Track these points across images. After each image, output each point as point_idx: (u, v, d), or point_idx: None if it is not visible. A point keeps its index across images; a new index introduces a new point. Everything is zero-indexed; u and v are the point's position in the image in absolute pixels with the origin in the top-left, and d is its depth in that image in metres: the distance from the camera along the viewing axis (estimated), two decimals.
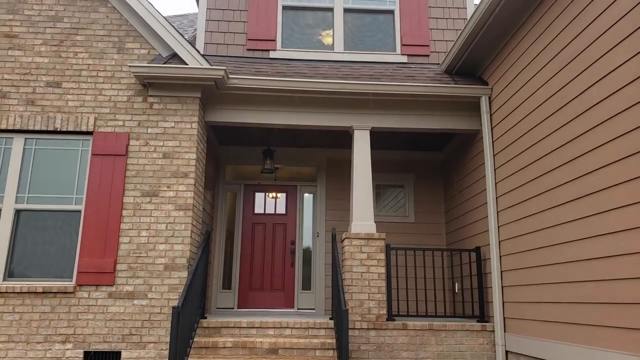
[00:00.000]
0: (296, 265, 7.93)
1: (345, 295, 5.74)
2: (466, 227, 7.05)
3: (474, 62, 6.67)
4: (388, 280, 6.04)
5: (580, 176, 4.32)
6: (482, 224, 6.44)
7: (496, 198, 6.08)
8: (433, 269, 6.54)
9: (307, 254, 8.08)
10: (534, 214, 5.14)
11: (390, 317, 5.94)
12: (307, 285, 7.93)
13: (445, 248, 6.31)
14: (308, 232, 8.15)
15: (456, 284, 7.40)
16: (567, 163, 4.53)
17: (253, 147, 8.30)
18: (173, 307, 4.52)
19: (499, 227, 5.98)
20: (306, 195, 8.31)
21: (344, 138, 7.74)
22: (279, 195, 8.32)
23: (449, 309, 7.35)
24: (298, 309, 7.75)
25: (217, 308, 7.66)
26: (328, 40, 7.68)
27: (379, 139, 7.38)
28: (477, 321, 6.07)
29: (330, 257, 7.82)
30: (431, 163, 8.42)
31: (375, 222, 6.29)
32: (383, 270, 6.00)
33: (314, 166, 8.37)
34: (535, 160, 5.11)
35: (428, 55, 7.58)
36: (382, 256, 6.04)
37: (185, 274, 5.64)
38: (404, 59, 7.53)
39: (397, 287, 6.45)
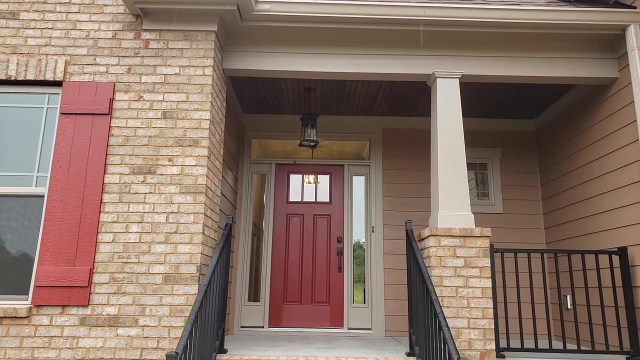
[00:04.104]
0: (345, 269, 5.99)
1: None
2: (588, 218, 4.98)
3: None
4: (494, 299, 4.06)
5: None
6: (625, 215, 4.39)
7: None
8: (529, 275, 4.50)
9: (359, 254, 6.13)
10: None
11: (499, 352, 3.96)
12: (359, 296, 5.99)
13: (580, 250, 4.29)
14: (359, 225, 6.19)
15: (567, 297, 5.36)
16: None
17: (286, 115, 6.38)
18: (168, 356, 2.62)
19: None
20: (356, 177, 6.34)
21: (405, 100, 5.76)
22: (320, 178, 6.38)
23: (558, 331, 5.34)
24: (349, 328, 5.81)
25: (242, 327, 5.78)
26: None
27: None
28: (628, 359, 4.05)
29: (390, 260, 5.88)
30: (522, 135, 6.35)
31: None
32: (488, 283, 4.01)
33: (366, 139, 6.39)
34: None
35: None
36: (486, 262, 4.05)
37: (194, 288, 3.76)
38: None
39: (504, 301, 4.45)
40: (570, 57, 4.64)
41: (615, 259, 4.40)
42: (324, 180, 6.37)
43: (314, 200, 6.28)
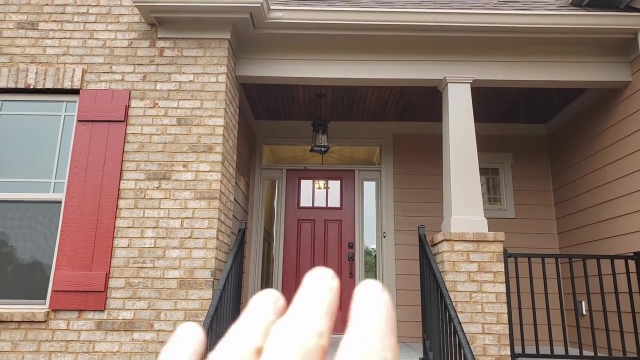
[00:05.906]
0: (356, 275, 6.00)
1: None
2: (603, 223, 4.95)
3: None
4: (509, 304, 4.04)
5: None
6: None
7: None
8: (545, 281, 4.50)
9: (370, 260, 6.14)
10: None
11: (514, 358, 3.94)
12: None
13: (595, 255, 4.27)
14: (371, 231, 6.20)
15: (582, 303, 5.32)
16: None
17: (297, 121, 6.43)
18: None
19: None
20: (367, 183, 6.36)
21: (416, 106, 5.78)
22: (330, 183, 6.41)
23: (574, 338, 5.29)
24: None
25: None
26: None
27: None
28: None
29: (402, 265, 5.87)
30: (533, 140, 6.34)
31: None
32: (502, 288, 4.00)
33: (377, 145, 6.42)
34: None
35: None
36: (500, 267, 4.04)
37: (209, 292, 3.79)
38: None
39: (518, 307, 4.44)
40: (582, 61, 4.65)
41: (632, 264, 4.37)
42: (335, 185, 6.39)
43: (324, 205, 6.30)
